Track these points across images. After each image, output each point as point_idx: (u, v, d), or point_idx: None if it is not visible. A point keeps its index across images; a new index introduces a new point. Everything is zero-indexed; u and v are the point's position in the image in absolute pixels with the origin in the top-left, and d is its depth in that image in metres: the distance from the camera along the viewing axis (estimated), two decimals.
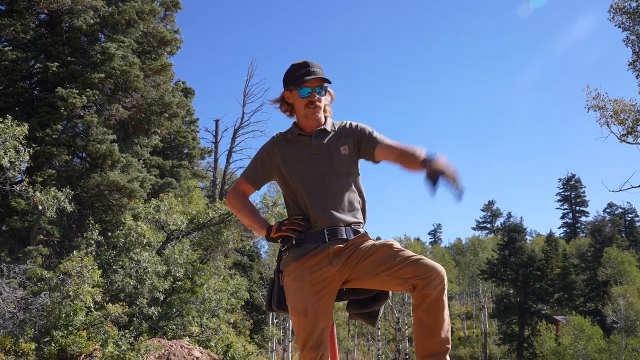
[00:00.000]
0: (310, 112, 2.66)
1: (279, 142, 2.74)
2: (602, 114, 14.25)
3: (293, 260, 2.55)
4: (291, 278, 2.55)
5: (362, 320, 2.81)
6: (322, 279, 2.51)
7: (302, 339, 2.51)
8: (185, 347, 11.37)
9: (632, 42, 14.93)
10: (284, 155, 2.70)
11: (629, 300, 31.63)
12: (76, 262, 10.05)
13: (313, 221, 2.57)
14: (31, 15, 15.22)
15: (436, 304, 2.33)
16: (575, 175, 63.88)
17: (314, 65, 2.65)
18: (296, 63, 2.68)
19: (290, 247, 2.58)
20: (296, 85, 2.63)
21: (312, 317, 2.46)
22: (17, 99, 14.79)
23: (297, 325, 2.51)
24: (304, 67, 2.64)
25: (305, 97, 2.64)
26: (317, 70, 2.64)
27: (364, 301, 2.70)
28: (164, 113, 17.15)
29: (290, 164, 2.67)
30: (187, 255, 13.28)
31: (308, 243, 2.54)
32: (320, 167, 2.63)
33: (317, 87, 2.64)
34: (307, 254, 2.53)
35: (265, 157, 2.75)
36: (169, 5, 19.72)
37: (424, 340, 2.36)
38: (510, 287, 43.22)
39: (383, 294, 2.68)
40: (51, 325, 9.46)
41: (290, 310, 2.54)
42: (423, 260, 2.36)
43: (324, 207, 2.57)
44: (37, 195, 11.01)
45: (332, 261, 2.52)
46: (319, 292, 2.49)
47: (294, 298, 2.52)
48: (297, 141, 2.71)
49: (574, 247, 50.97)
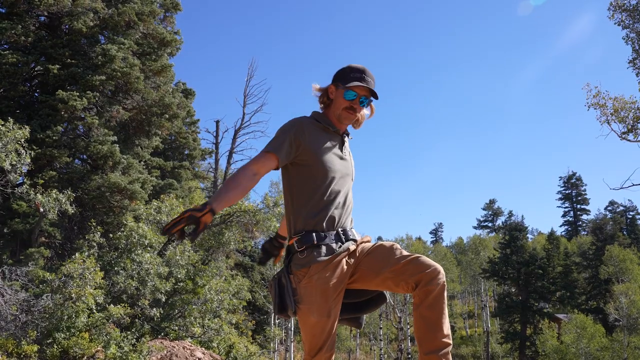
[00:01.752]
0: (345, 116, 2.65)
1: (312, 126, 2.63)
2: (602, 112, 14.27)
3: (315, 261, 2.48)
4: (314, 279, 2.47)
5: (348, 324, 2.80)
6: (342, 280, 2.52)
7: (320, 341, 2.50)
8: (187, 348, 11.37)
9: (632, 40, 14.93)
10: (317, 141, 2.60)
11: (631, 298, 31.57)
12: (78, 264, 10.07)
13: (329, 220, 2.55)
14: (31, 18, 15.24)
15: (439, 300, 2.38)
16: (576, 173, 63.98)
17: (370, 75, 2.65)
18: (354, 65, 2.67)
19: (309, 247, 2.51)
20: (345, 85, 2.62)
21: (333, 318, 2.49)
22: (18, 102, 14.82)
23: (316, 327, 2.48)
24: (360, 72, 2.63)
25: (349, 101, 2.63)
26: (370, 81, 2.64)
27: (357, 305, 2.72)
28: (165, 114, 17.17)
29: (323, 154, 2.59)
30: (188, 256, 13.29)
31: (329, 244, 2.51)
32: (346, 169, 2.67)
33: (363, 96, 2.64)
34: (331, 254, 2.50)
35: (298, 132, 2.56)
36: (168, 6, 19.74)
37: (427, 337, 2.39)
38: (512, 285, 43.18)
39: (378, 298, 2.70)
40: (53, 327, 9.47)
41: (312, 311, 2.47)
42: (423, 258, 2.42)
43: (340, 209, 2.60)
44: (39, 197, 11.03)
45: (349, 261, 2.55)
46: (340, 293, 2.52)
47: (319, 300, 2.46)
48: (331, 135, 2.67)
49: (575, 246, 50.94)
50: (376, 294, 2.69)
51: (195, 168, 28.81)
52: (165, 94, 17.16)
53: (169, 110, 17.12)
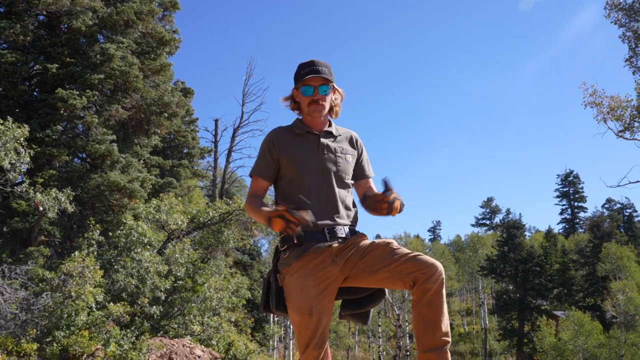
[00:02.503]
0: (313, 110, 2.67)
1: (282, 135, 2.73)
2: (599, 110, 14.35)
3: (295, 260, 2.54)
4: (294, 277, 2.52)
5: (354, 320, 2.83)
6: (325, 277, 2.52)
7: (306, 338, 2.50)
8: (187, 346, 11.43)
9: (629, 39, 14.99)
10: (289, 148, 2.68)
11: (628, 295, 31.67)
12: (77, 263, 10.09)
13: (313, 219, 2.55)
14: (30, 17, 15.27)
15: (437, 298, 2.38)
16: (573, 171, 64.02)
17: (320, 64, 2.66)
18: (303, 62, 2.70)
19: (290, 246, 2.58)
20: (300, 84, 2.66)
21: (316, 316, 2.46)
22: (17, 101, 14.84)
23: (300, 324, 2.49)
24: (308, 66, 2.65)
25: (308, 96, 2.66)
26: (321, 69, 2.64)
27: (358, 301, 2.73)
28: (164, 113, 17.22)
29: (295, 157, 2.66)
30: (188, 254, 13.33)
31: (310, 242, 2.54)
32: (325, 167, 2.66)
33: (321, 85, 2.64)
34: (309, 252, 2.53)
35: (270, 146, 2.71)
36: (167, 5, 19.77)
37: (425, 334, 2.40)
38: (509, 283, 43.27)
39: (378, 294, 2.71)
40: (53, 326, 9.50)
41: (294, 309, 2.50)
42: (421, 256, 2.42)
43: (325, 206, 2.61)
44: (38, 196, 11.05)
45: (335, 260, 2.55)
46: (323, 291, 2.50)
47: (298, 297, 2.49)
48: (304, 137, 2.71)
49: (572, 243, 51.02)
50: (376, 290, 2.70)
51: (194, 167, 28.86)
52: (164, 93, 17.19)
53: (168, 109, 17.17)
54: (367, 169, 2.83)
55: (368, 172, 2.82)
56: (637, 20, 14.66)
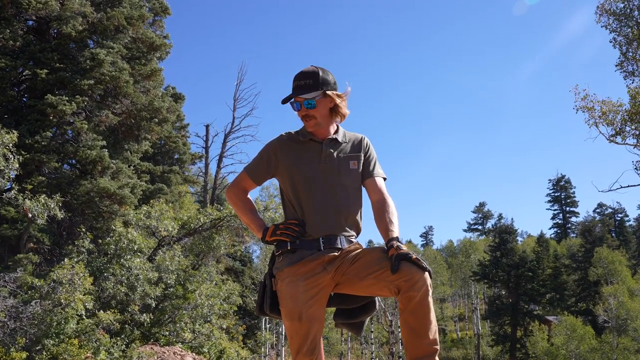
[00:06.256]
0: (307, 125, 2.66)
1: (288, 142, 2.71)
2: (590, 114, 14.38)
3: (287, 266, 2.54)
4: (285, 283, 2.53)
5: (348, 329, 2.83)
6: (316, 284, 2.51)
7: (296, 344, 2.50)
8: (178, 354, 11.33)
9: (620, 44, 15.06)
10: (292, 156, 2.67)
11: (619, 299, 31.82)
12: (67, 270, 10.00)
13: (310, 228, 2.57)
14: (19, 22, 15.13)
15: (421, 306, 2.35)
16: (565, 176, 64.40)
17: (303, 76, 2.60)
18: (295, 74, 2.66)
19: (284, 252, 2.58)
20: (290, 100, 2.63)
21: (306, 322, 2.46)
22: (6, 107, 14.69)
23: (291, 330, 2.50)
24: (293, 83, 2.62)
25: (298, 111, 2.64)
26: (300, 83, 2.59)
27: (351, 311, 2.73)
28: (154, 118, 17.12)
29: (297, 165, 2.64)
30: (178, 261, 13.23)
31: (303, 250, 2.55)
32: (327, 176, 2.63)
33: (306, 100, 2.59)
34: (301, 260, 2.53)
35: (271, 154, 2.71)
36: (158, 10, 19.71)
37: (413, 342, 2.39)
38: (502, 288, 43.40)
39: (370, 306, 2.71)
40: (42, 334, 9.40)
41: (284, 315, 2.52)
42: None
43: (324, 215, 2.58)
44: (27, 202, 10.95)
45: (327, 268, 2.54)
46: (313, 298, 2.50)
47: (288, 303, 2.50)
48: (308, 145, 2.69)
49: (564, 248, 51.28)
50: (368, 301, 2.69)
51: (185, 172, 28.73)
52: (155, 98, 17.10)
53: (158, 115, 17.07)
54: (373, 168, 2.76)
55: (374, 171, 2.75)
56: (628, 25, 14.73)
